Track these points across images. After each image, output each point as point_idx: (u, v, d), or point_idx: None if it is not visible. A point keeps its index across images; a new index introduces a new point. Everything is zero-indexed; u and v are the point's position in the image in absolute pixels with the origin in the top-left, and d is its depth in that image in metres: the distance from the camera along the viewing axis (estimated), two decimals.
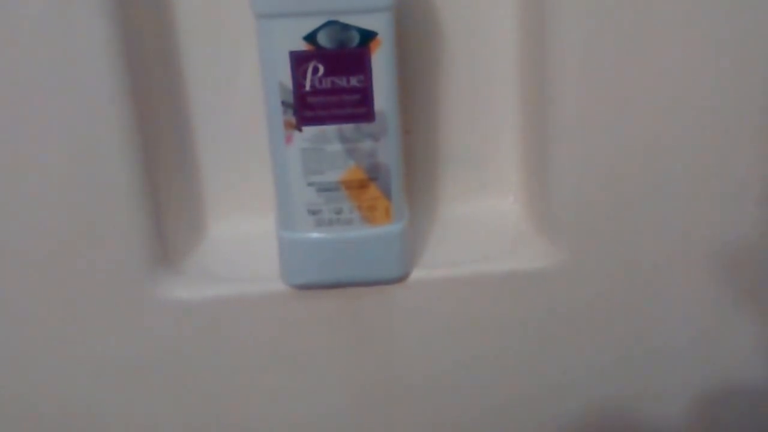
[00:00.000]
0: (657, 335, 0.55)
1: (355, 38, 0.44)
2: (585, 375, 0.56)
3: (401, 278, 0.51)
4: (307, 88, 0.44)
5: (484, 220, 0.56)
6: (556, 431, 0.58)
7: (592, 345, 0.55)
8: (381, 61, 0.44)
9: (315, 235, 0.48)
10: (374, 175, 0.47)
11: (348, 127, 0.46)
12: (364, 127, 0.46)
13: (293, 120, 0.45)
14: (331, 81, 0.44)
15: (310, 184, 0.47)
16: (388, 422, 0.55)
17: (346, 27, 0.43)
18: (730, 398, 0.58)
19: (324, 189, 0.47)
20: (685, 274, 0.53)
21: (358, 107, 0.45)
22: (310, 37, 0.43)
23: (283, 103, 0.45)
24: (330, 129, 0.46)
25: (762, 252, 0.53)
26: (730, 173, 0.51)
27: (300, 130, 0.45)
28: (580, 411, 0.57)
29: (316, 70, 0.44)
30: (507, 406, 0.56)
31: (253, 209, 0.53)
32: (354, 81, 0.45)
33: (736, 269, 0.54)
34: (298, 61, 0.44)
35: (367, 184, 0.47)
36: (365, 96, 0.45)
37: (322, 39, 0.43)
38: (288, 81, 0.44)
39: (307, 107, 0.45)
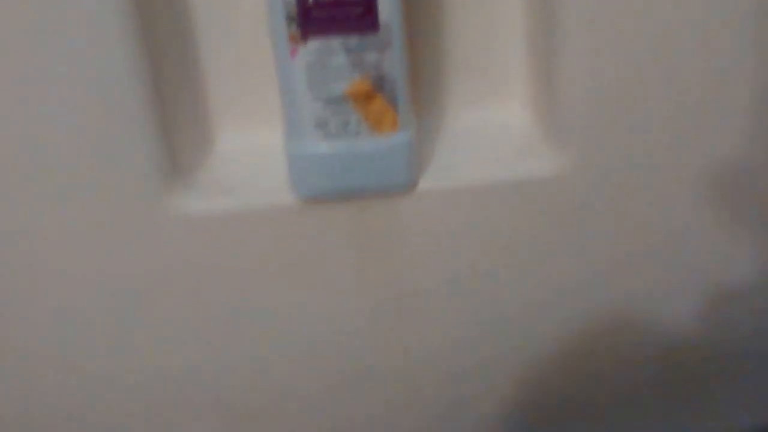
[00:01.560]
0: (662, 240, 0.56)
1: None
2: (593, 280, 0.57)
3: (409, 188, 0.51)
4: (311, 0, 0.44)
5: (491, 128, 0.55)
6: (565, 335, 0.59)
7: (600, 250, 0.56)
8: None
9: (323, 147, 0.48)
10: (380, 86, 0.47)
11: (353, 39, 0.45)
12: (369, 38, 0.45)
13: (297, 33, 0.45)
14: None
15: (316, 98, 0.47)
16: (399, 330, 0.57)
17: None
18: (731, 298, 0.60)
19: (330, 102, 0.47)
20: (689, 180, 0.54)
21: (362, 18, 0.45)
22: None
23: (287, 16, 0.44)
24: (334, 41, 0.45)
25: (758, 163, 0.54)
26: (738, 83, 0.50)
27: (304, 43, 0.45)
28: (589, 315, 0.58)
29: None
30: (517, 312, 0.57)
31: (261, 121, 0.53)
32: None
33: (737, 179, 0.54)
34: None
35: (374, 96, 0.47)
36: (369, 6, 0.44)
37: None
38: None
39: (310, 19, 0.44)
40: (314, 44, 0.45)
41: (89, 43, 0.44)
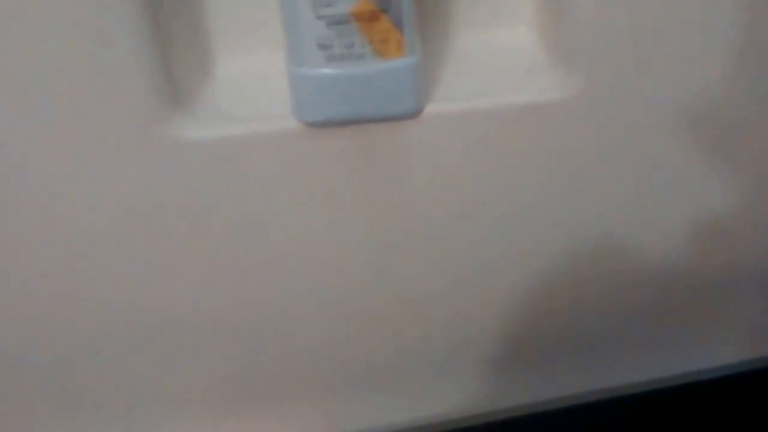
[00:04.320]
0: (659, 168, 0.56)
1: None
2: (598, 206, 0.57)
3: (415, 113, 0.50)
4: None
5: (498, 51, 0.54)
6: (566, 261, 0.59)
7: (606, 176, 0.55)
8: None
9: (326, 70, 0.47)
10: (385, 6, 0.45)
11: None
12: None
13: None
14: None
15: (319, 17, 0.45)
16: (404, 256, 0.56)
17: None
18: (722, 229, 0.60)
19: (334, 22, 0.45)
20: (689, 111, 0.53)
21: None
22: None
23: None
24: None
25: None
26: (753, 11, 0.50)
27: None
28: (594, 239, 0.58)
29: None
30: (522, 237, 0.57)
31: (262, 43, 0.52)
32: None
33: (732, 115, 0.54)
34: None
35: (379, 16, 0.46)
36: None
37: None
38: None
39: None
40: None
41: None
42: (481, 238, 0.57)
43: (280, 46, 0.48)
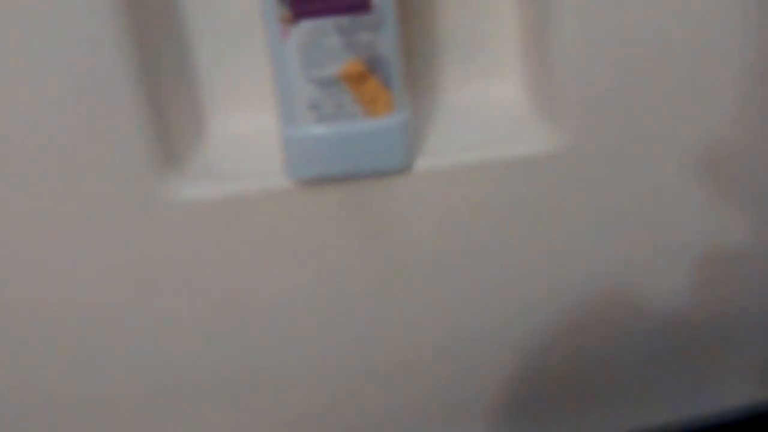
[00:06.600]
0: (656, 216, 0.56)
1: None
2: (588, 256, 0.57)
3: (405, 169, 0.51)
4: None
5: (486, 107, 0.55)
6: (561, 313, 0.59)
7: (595, 227, 0.55)
8: None
9: (317, 130, 0.48)
10: (374, 67, 0.46)
11: (345, 20, 0.45)
12: (362, 18, 0.45)
13: (288, 14, 0.44)
14: None
15: (309, 79, 0.46)
16: (398, 312, 0.57)
17: None
18: (725, 272, 0.60)
19: (323, 83, 0.46)
20: (683, 156, 0.53)
21: None
22: None
23: None
24: (326, 22, 0.45)
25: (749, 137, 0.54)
26: (730, 60, 0.50)
27: (296, 24, 0.44)
28: (585, 291, 0.58)
29: None
30: (518, 291, 0.57)
31: (254, 104, 0.53)
32: None
33: (729, 154, 0.54)
34: None
35: (368, 77, 0.47)
36: None
37: None
38: None
39: (301, 0, 0.44)
40: (306, 25, 0.45)
41: (78, 26, 0.44)
42: (477, 293, 0.57)
43: (271, 107, 0.49)
